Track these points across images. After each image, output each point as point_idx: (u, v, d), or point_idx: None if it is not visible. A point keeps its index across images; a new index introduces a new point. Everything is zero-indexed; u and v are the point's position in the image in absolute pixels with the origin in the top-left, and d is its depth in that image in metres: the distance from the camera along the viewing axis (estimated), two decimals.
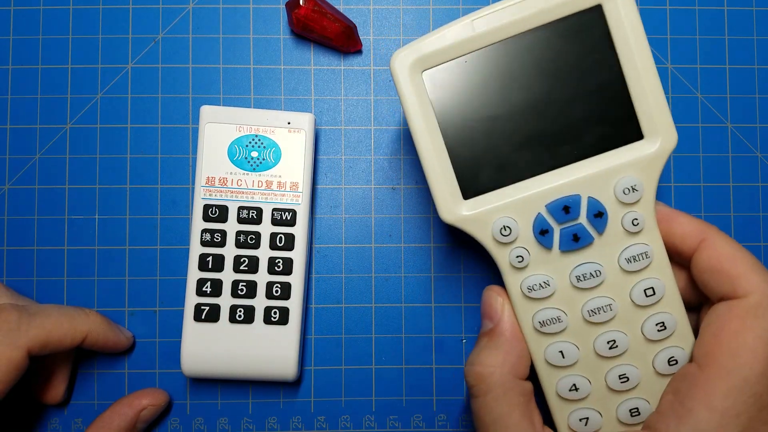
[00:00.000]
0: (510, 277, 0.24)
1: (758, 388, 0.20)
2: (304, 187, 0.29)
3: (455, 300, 0.32)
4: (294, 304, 0.29)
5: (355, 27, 0.32)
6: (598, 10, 0.22)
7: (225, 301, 0.29)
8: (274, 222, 0.29)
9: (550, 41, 0.23)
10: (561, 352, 0.24)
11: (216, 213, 0.29)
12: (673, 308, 0.24)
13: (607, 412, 0.25)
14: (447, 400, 0.31)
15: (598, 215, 0.23)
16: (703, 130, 0.32)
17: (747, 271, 0.22)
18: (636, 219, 0.23)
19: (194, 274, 0.29)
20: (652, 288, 0.23)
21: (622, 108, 0.23)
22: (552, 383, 0.25)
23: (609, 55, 0.23)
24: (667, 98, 0.32)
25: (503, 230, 0.23)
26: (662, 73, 0.32)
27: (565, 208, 0.23)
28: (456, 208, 0.24)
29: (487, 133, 0.24)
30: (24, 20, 0.32)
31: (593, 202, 0.23)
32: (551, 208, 0.23)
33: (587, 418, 0.24)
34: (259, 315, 0.29)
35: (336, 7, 0.32)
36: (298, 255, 0.29)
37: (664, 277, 0.24)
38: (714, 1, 0.33)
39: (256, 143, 0.29)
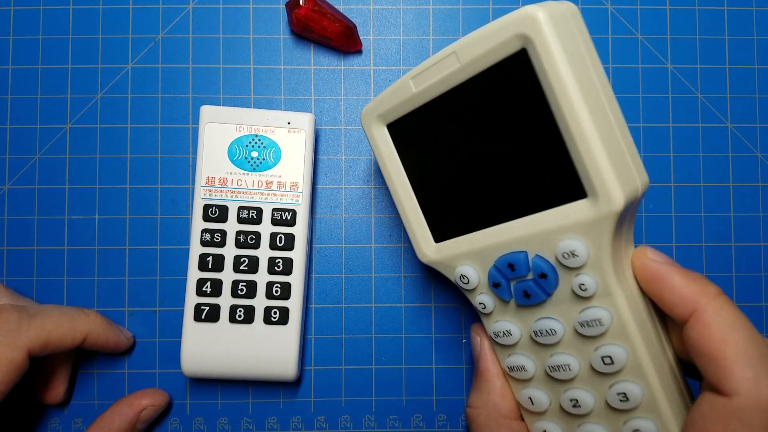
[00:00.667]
0: (483, 320, 0.24)
1: None
2: (304, 187, 0.29)
3: (455, 300, 0.32)
4: (294, 304, 0.29)
5: (355, 27, 0.32)
6: (523, 54, 0.19)
7: (225, 301, 0.29)
8: (274, 222, 0.29)
9: (482, 93, 0.21)
10: (530, 398, 0.23)
11: (216, 213, 0.29)
12: (639, 377, 0.21)
13: None
14: (447, 400, 0.31)
15: (542, 276, 0.21)
16: (703, 130, 0.32)
17: (736, 363, 0.18)
18: (582, 284, 0.20)
19: (194, 274, 0.29)
20: (609, 357, 0.21)
21: (560, 164, 0.20)
22: (531, 424, 0.24)
23: (541, 106, 0.20)
24: (667, 98, 0.32)
25: (462, 278, 0.24)
26: (662, 73, 0.32)
27: (510, 266, 0.22)
28: (428, 250, 0.25)
29: (447, 181, 0.24)
30: (24, 20, 0.32)
31: (538, 263, 0.21)
32: (499, 263, 0.22)
33: None
34: (259, 315, 0.29)
35: (336, 7, 0.32)
36: (298, 255, 0.29)
37: (627, 344, 0.21)
38: (714, 1, 0.33)
39: (256, 143, 0.29)
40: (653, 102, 0.32)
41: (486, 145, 0.22)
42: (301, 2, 0.30)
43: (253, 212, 0.29)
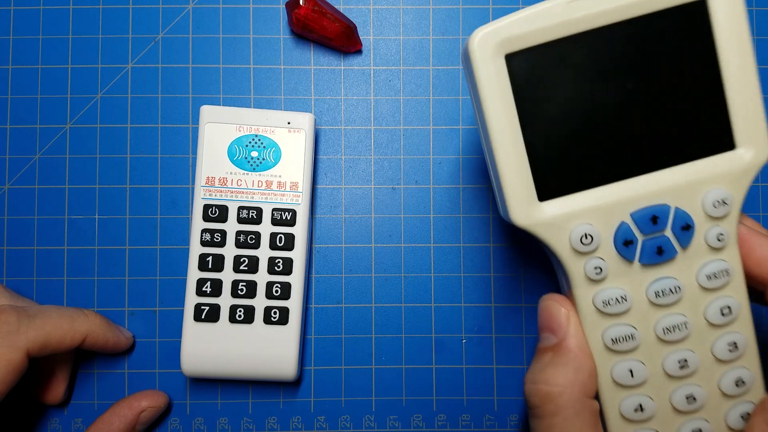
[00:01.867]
0: (582, 289, 0.22)
1: None
2: (304, 187, 0.29)
3: (455, 300, 0.32)
4: (294, 304, 0.29)
5: (355, 27, 0.32)
6: (701, 5, 0.20)
7: (225, 301, 0.29)
8: (274, 222, 0.29)
9: (648, 34, 0.21)
10: (630, 370, 0.22)
11: (216, 213, 0.29)
12: (745, 329, 0.22)
13: None
14: (447, 400, 0.31)
15: (686, 228, 0.21)
16: None
17: None
18: (722, 234, 0.21)
19: (194, 274, 0.29)
20: (729, 307, 0.22)
21: (717, 114, 0.21)
22: (615, 403, 0.23)
23: (709, 56, 0.21)
24: None
25: (584, 238, 0.21)
26: None
27: (653, 219, 0.21)
28: (531, 211, 0.21)
29: (571, 130, 0.21)
30: (24, 20, 0.32)
31: (681, 214, 0.21)
32: (637, 217, 0.21)
33: None
34: (259, 315, 0.29)
35: (336, 7, 0.32)
36: (298, 255, 0.29)
37: (740, 296, 0.22)
38: None
39: (256, 143, 0.29)
40: None
41: (635, 90, 0.21)
42: (301, 2, 0.30)
43: (253, 212, 0.29)
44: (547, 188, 0.22)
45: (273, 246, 0.29)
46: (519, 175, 0.21)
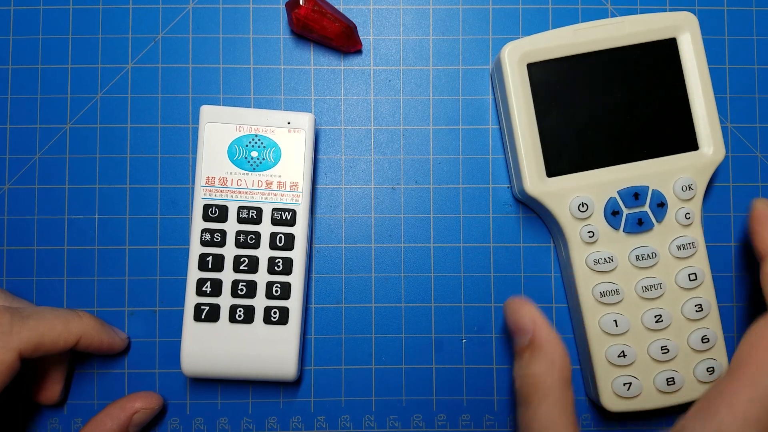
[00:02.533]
0: (577, 251, 0.29)
1: None
2: (304, 187, 0.29)
3: (455, 300, 0.32)
4: (294, 304, 0.29)
5: (355, 27, 0.32)
6: (672, 42, 0.28)
7: (225, 300, 0.29)
8: (274, 222, 0.29)
9: (632, 58, 0.28)
10: (615, 321, 0.28)
11: (216, 213, 0.29)
12: (708, 294, 0.28)
13: (646, 381, 0.28)
14: (447, 400, 0.31)
15: (660, 205, 0.28)
16: None
17: None
18: (688, 213, 0.28)
19: (194, 273, 0.29)
20: (695, 273, 0.28)
21: (685, 123, 0.28)
22: (602, 350, 0.28)
23: (678, 79, 0.28)
24: None
25: (581, 206, 0.28)
26: None
27: (635, 195, 0.28)
28: (541, 183, 0.28)
29: (574, 124, 0.28)
30: (24, 20, 0.32)
31: (657, 194, 0.28)
32: (623, 193, 0.28)
33: (630, 384, 0.28)
34: (259, 315, 0.29)
35: (336, 7, 0.32)
36: (297, 255, 0.29)
37: (704, 266, 0.28)
38: (714, 1, 0.33)
39: (256, 143, 0.29)
40: None
41: (624, 101, 0.28)
42: (301, 2, 0.30)
43: (252, 212, 0.29)
44: (555, 167, 0.28)
45: (273, 246, 0.29)
46: (534, 157, 0.28)
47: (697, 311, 0.28)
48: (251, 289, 0.29)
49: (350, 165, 0.32)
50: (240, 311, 0.29)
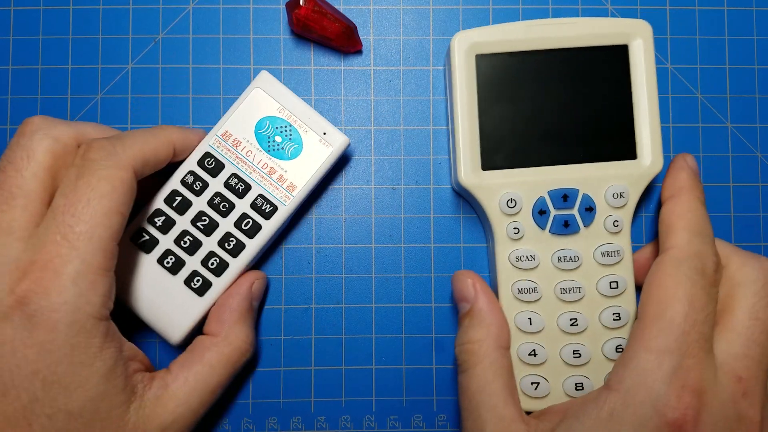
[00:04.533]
0: (502, 246, 0.28)
1: (685, 327, 0.23)
2: (298, 195, 0.29)
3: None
4: (220, 285, 0.29)
5: (355, 27, 0.32)
6: (624, 48, 0.28)
7: (165, 241, 0.28)
8: (253, 206, 0.29)
9: (581, 61, 0.28)
10: (530, 319, 0.28)
11: (212, 165, 0.29)
12: (628, 304, 0.28)
13: (555, 383, 0.28)
14: (447, 400, 0.31)
15: (589, 209, 0.28)
16: (703, 130, 0.33)
17: (683, 228, 0.25)
18: (617, 221, 0.28)
19: (157, 203, 0.29)
20: (617, 282, 0.28)
21: (626, 131, 0.28)
22: (514, 347, 0.28)
23: (624, 87, 0.28)
24: (667, 98, 0.33)
25: (510, 202, 0.28)
26: (662, 73, 0.32)
27: (564, 197, 0.28)
28: (474, 175, 0.28)
29: (515, 120, 0.28)
30: (24, 20, 0.32)
31: (587, 198, 0.28)
32: (552, 194, 0.28)
33: (538, 384, 0.28)
34: (184, 273, 0.28)
35: (336, 7, 0.32)
36: (253, 245, 0.29)
37: (627, 276, 0.28)
38: (714, 1, 0.33)
39: (285, 131, 0.29)
40: None
41: (568, 103, 0.28)
42: (301, 2, 0.30)
43: (241, 185, 0.29)
44: (490, 161, 0.28)
45: (237, 225, 0.29)
46: (470, 148, 0.28)
47: (614, 320, 0.28)
48: (194, 247, 0.29)
49: (350, 165, 0.32)
50: (171, 258, 0.28)
